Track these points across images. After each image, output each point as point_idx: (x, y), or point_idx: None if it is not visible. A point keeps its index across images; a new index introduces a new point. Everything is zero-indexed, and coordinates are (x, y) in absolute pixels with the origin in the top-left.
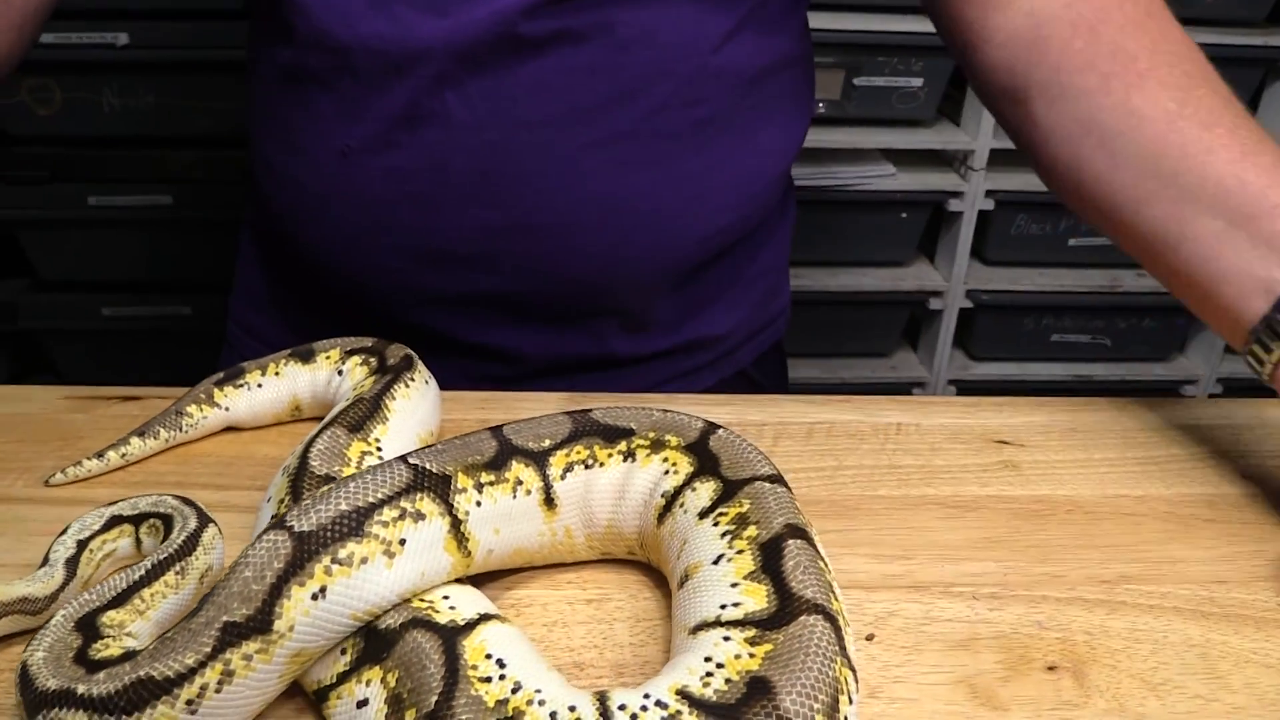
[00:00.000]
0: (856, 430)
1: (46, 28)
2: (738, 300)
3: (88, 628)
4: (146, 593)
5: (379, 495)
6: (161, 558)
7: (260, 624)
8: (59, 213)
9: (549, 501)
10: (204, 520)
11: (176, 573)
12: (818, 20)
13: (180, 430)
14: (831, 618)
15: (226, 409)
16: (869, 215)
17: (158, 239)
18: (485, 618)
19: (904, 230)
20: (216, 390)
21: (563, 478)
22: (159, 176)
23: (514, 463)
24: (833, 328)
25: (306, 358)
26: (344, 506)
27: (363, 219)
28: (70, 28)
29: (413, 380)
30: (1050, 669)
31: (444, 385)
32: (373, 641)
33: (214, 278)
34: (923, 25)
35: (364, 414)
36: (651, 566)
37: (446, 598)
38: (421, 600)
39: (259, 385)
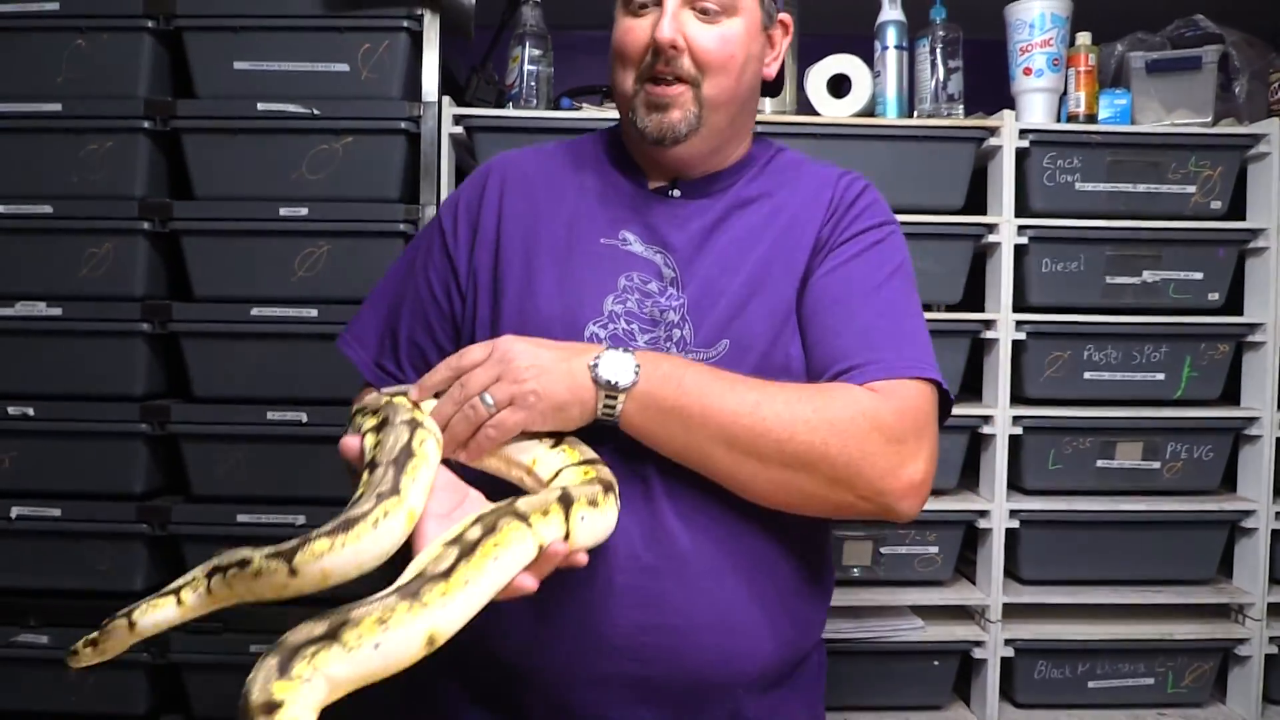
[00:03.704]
0: None
1: (242, 510)
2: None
3: None
4: None
5: None
6: None
7: None
8: (224, 657)
9: None
10: None
11: None
12: None
13: None
14: None
15: None
16: (905, 664)
17: None
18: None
19: (938, 676)
20: None
21: None
22: None
23: None
24: None
25: None
26: None
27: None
28: (260, 510)
29: None
30: None
31: None
32: None
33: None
34: (936, 504)
35: None
36: None
37: None
38: None
39: None
